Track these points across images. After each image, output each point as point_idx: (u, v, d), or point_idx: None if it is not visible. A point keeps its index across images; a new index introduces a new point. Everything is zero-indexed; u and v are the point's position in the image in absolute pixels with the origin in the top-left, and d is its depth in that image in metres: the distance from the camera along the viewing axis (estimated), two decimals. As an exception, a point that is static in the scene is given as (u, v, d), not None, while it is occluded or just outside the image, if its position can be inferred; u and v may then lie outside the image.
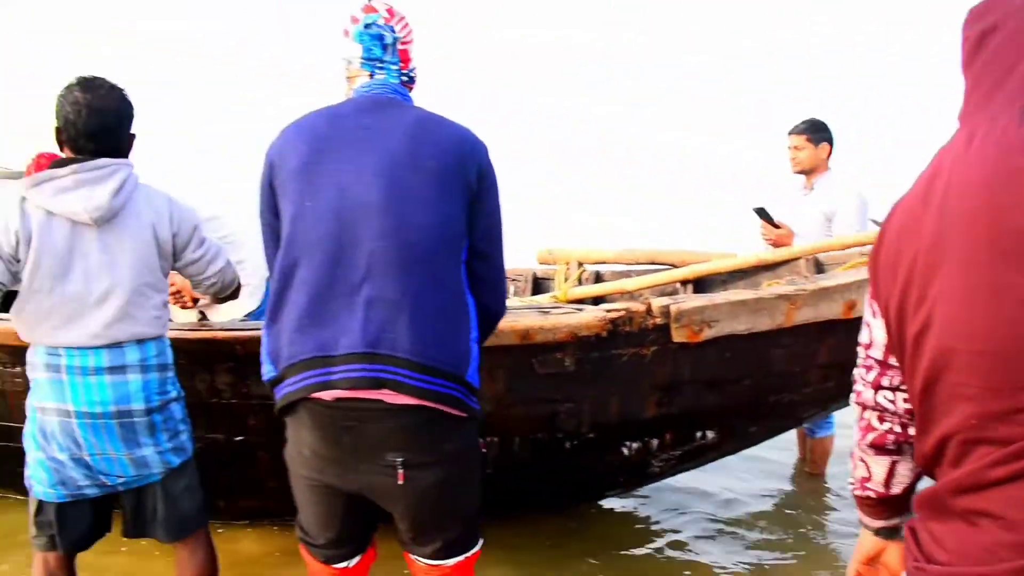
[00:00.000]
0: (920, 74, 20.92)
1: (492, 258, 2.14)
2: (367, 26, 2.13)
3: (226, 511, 3.49)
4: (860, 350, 1.42)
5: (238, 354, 3.00)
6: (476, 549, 2.18)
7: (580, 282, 4.64)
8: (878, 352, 1.37)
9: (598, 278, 4.77)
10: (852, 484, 1.51)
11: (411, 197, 1.96)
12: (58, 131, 2.42)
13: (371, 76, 2.13)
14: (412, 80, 2.20)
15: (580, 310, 2.99)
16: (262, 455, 3.22)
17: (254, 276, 3.75)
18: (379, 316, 1.92)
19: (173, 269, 2.62)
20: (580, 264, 4.64)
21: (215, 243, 2.72)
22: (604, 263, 4.78)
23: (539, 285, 4.91)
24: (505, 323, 2.51)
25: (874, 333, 1.38)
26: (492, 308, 2.17)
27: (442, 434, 2.00)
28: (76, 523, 2.52)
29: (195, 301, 3.64)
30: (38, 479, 2.47)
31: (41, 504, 2.49)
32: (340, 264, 1.94)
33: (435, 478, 2.00)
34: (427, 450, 1.99)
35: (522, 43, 26.45)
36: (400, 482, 1.97)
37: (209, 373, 3.08)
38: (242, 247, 3.68)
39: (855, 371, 1.45)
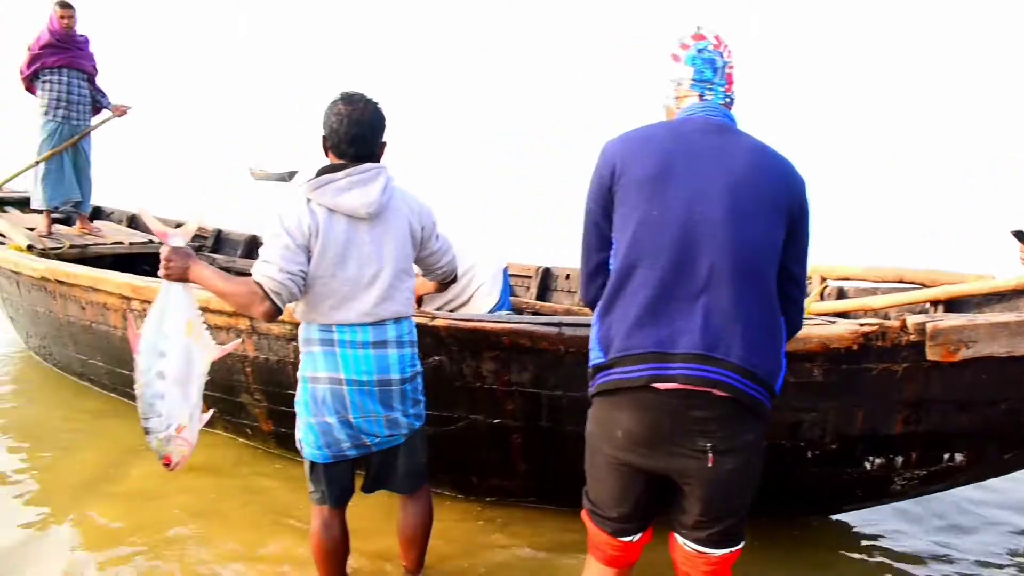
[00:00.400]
0: None
1: (800, 281, 2.32)
2: (699, 51, 2.35)
3: (477, 487, 3.82)
4: None
5: (504, 344, 3.30)
6: (740, 546, 2.30)
7: (822, 297, 4.63)
8: None
9: (841, 294, 4.74)
10: None
11: (749, 217, 2.14)
12: (324, 139, 2.87)
13: (700, 97, 2.34)
14: (732, 102, 2.39)
15: (833, 322, 3.04)
16: (516, 438, 3.51)
17: (486, 277, 4.16)
18: (716, 323, 2.12)
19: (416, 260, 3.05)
20: (823, 279, 4.62)
21: (444, 237, 3.14)
22: (848, 279, 4.73)
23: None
24: None
25: None
26: (795, 325, 2.35)
27: (744, 426, 2.17)
28: (340, 480, 2.93)
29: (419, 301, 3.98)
30: (307, 442, 2.87)
31: (312, 464, 2.91)
32: (681, 271, 2.14)
33: (734, 465, 2.16)
34: (732, 439, 2.15)
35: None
36: (709, 465, 2.14)
37: (475, 360, 3.40)
38: (467, 253, 4.07)
39: None
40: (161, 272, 2.78)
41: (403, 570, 3.18)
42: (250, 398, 4.18)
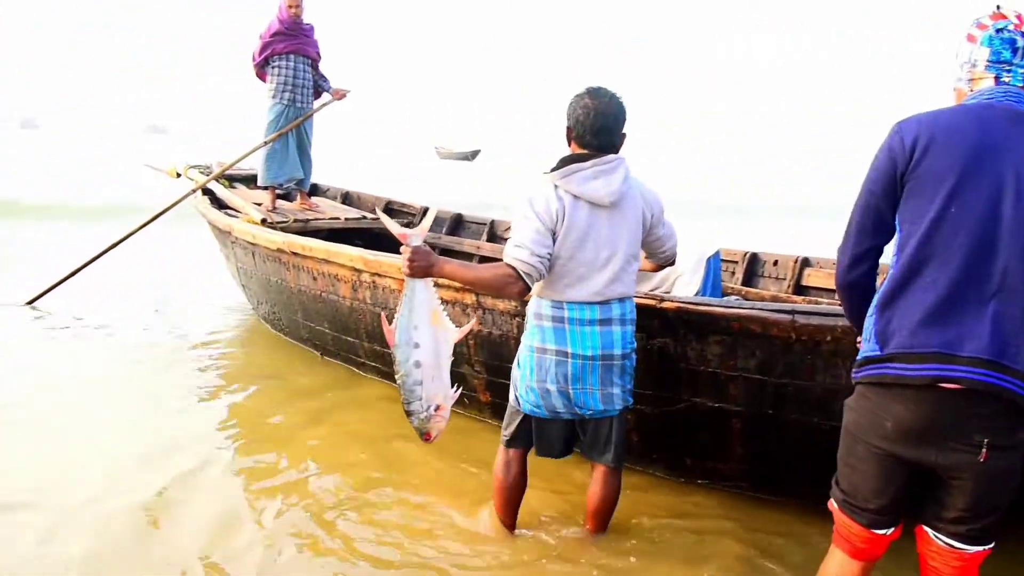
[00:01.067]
0: None
1: None
2: (999, 31, 2.24)
3: (691, 469, 3.83)
4: None
5: (733, 329, 3.29)
6: (991, 546, 2.24)
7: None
8: None
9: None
10: None
11: None
12: (569, 129, 3.05)
13: (996, 80, 2.24)
14: None
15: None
16: (735, 423, 3.49)
17: (687, 267, 4.20)
18: (1005, 329, 2.06)
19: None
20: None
21: (669, 223, 3.26)
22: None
23: None
24: None
25: None
26: None
27: (1020, 424, 2.10)
28: (550, 434, 3.20)
29: None
30: (526, 399, 3.12)
31: (526, 416, 3.17)
32: (974, 273, 2.09)
33: (1007, 462, 2.11)
34: (1007, 436, 2.10)
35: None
36: (982, 460, 2.09)
37: (701, 343, 3.41)
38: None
39: None
40: (405, 271, 2.99)
41: (583, 529, 3.39)
42: (470, 369, 4.37)
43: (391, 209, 8.14)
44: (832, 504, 2.39)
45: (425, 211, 7.91)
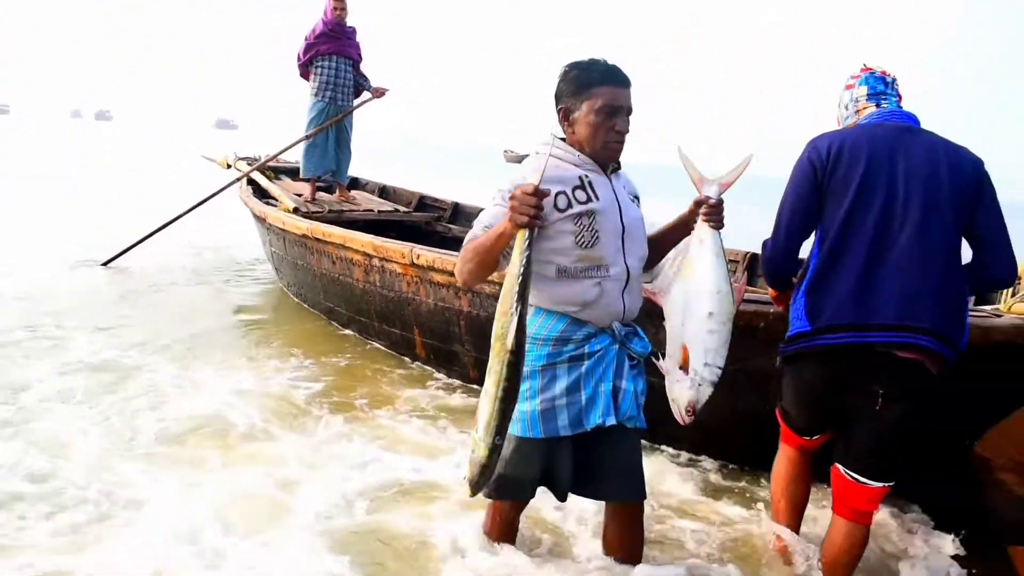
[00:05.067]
0: None
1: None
2: (870, 73, 2.92)
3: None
4: None
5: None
6: (891, 483, 2.71)
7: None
8: None
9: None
10: None
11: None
12: None
13: (877, 107, 2.85)
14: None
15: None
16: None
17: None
18: (905, 299, 2.56)
19: None
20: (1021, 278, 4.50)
21: None
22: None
23: None
24: None
25: None
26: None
27: (915, 382, 2.61)
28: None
29: None
30: None
31: None
32: (877, 258, 2.60)
33: (899, 411, 2.62)
34: (900, 389, 2.61)
35: None
36: (878, 408, 2.62)
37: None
38: None
39: None
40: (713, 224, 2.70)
41: None
42: (461, 348, 4.77)
43: (424, 204, 8.60)
44: (779, 415, 3.00)
45: (455, 206, 8.36)
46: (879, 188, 2.62)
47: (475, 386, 4.88)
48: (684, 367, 2.67)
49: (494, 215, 2.46)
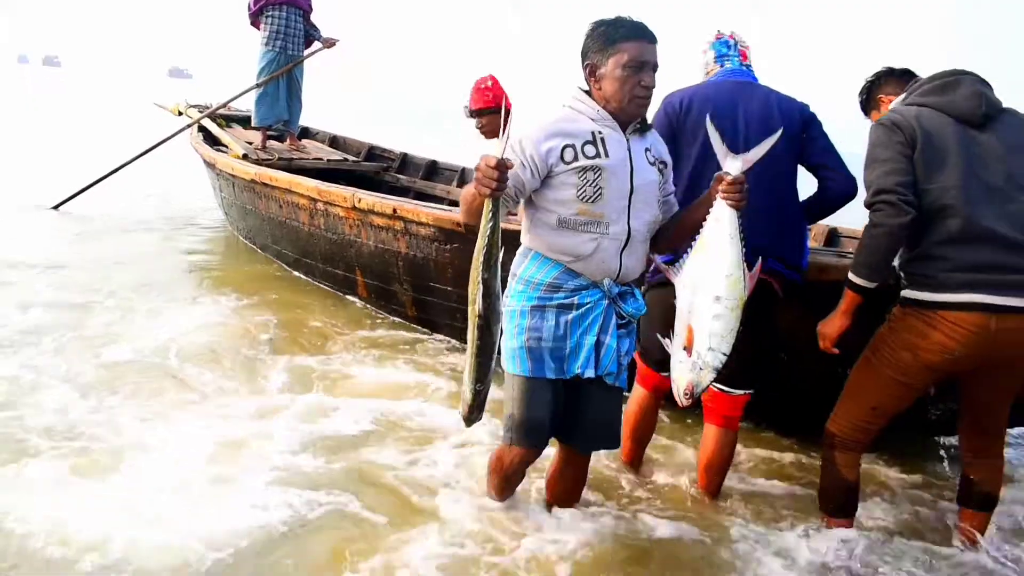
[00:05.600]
0: None
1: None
2: (718, 38, 3.31)
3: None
4: None
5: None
6: (750, 391, 3.12)
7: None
8: None
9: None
10: None
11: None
12: None
13: (721, 66, 3.28)
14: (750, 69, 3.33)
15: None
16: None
17: None
18: (764, 231, 2.91)
19: None
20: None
21: None
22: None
23: None
24: None
25: None
26: None
27: (766, 302, 3.01)
28: None
29: None
30: None
31: None
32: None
33: (756, 328, 2.92)
34: (757, 310, 2.89)
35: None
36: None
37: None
38: None
39: None
40: (731, 202, 2.61)
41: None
42: (400, 287, 5.07)
43: (373, 154, 8.78)
44: (637, 356, 3.23)
45: (404, 156, 8.57)
46: (724, 133, 2.86)
47: (415, 324, 5.19)
48: (688, 348, 2.61)
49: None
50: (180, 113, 9.22)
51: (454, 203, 7.54)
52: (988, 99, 2.77)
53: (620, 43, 2.52)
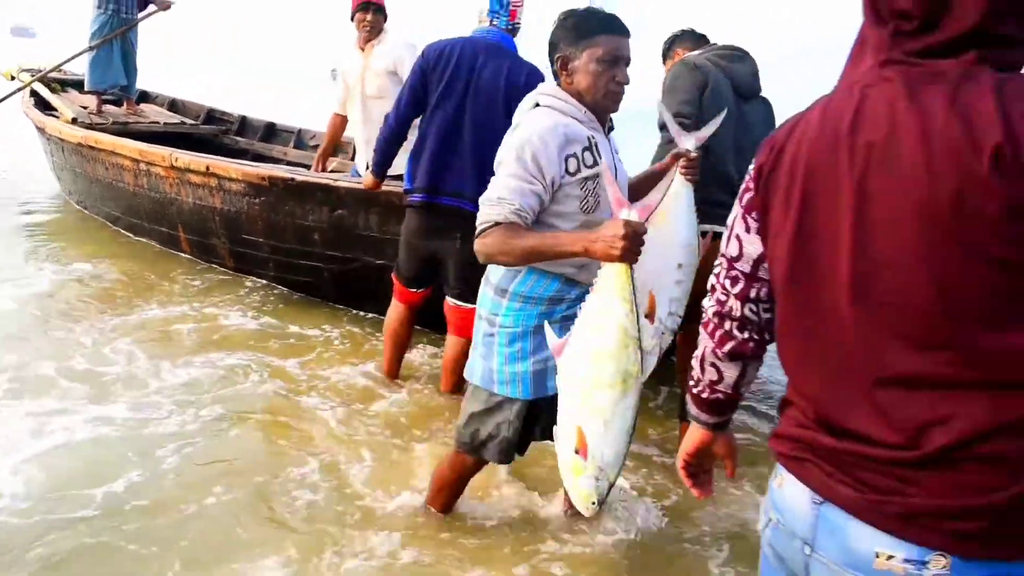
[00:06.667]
0: None
1: None
2: None
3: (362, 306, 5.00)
4: (723, 261, 1.43)
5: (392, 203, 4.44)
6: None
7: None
8: (746, 266, 1.38)
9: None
10: (697, 387, 1.54)
11: None
12: None
13: (491, 22, 3.70)
14: (516, 30, 3.76)
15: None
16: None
17: None
18: (462, 174, 3.59)
19: None
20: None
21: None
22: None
23: None
24: None
25: (745, 247, 1.38)
26: None
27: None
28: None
29: None
30: None
31: None
32: (451, 139, 3.61)
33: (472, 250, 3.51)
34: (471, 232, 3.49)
35: None
36: (457, 247, 3.63)
37: (367, 213, 4.55)
38: None
39: (713, 281, 1.46)
40: (690, 177, 2.62)
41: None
42: (218, 240, 5.44)
43: (212, 117, 8.94)
44: (393, 275, 3.93)
45: (243, 119, 8.77)
46: (458, 87, 3.58)
47: (235, 273, 5.59)
48: (649, 315, 2.53)
49: (521, 192, 2.34)
50: (12, 77, 9.12)
51: (292, 164, 7.84)
52: (759, 81, 3.52)
53: (595, 36, 2.43)
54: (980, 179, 1.03)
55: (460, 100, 3.57)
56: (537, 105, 2.50)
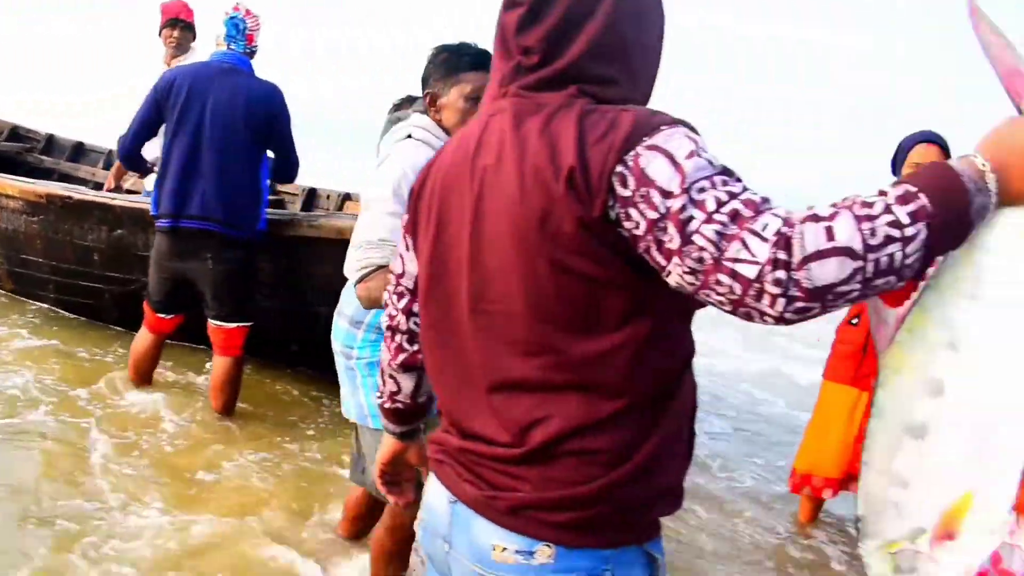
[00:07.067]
0: None
1: None
2: (231, 17, 3.80)
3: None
4: (392, 278, 1.51)
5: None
6: (245, 323, 3.83)
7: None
8: (409, 282, 1.45)
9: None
10: (380, 399, 1.61)
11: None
12: None
13: (228, 47, 3.81)
14: (253, 53, 3.86)
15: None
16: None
17: None
18: (206, 195, 3.69)
19: None
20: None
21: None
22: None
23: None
24: None
25: (407, 265, 1.46)
26: None
27: (225, 248, 3.72)
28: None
29: None
30: None
31: None
32: (193, 164, 3.70)
33: (224, 267, 3.74)
34: (221, 253, 3.71)
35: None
36: (210, 268, 3.71)
37: (145, 233, 4.48)
38: None
39: (386, 296, 1.54)
40: None
41: None
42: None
43: (16, 134, 8.52)
44: (146, 303, 3.94)
45: (50, 137, 8.40)
46: (193, 114, 3.68)
47: (13, 296, 5.36)
48: None
49: (391, 228, 2.20)
50: None
51: (99, 185, 7.60)
52: None
53: (463, 72, 2.38)
54: (559, 199, 1.11)
55: (197, 125, 3.67)
56: (409, 136, 2.44)
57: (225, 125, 3.66)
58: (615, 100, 1.19)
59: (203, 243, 3.71)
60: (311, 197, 7.19)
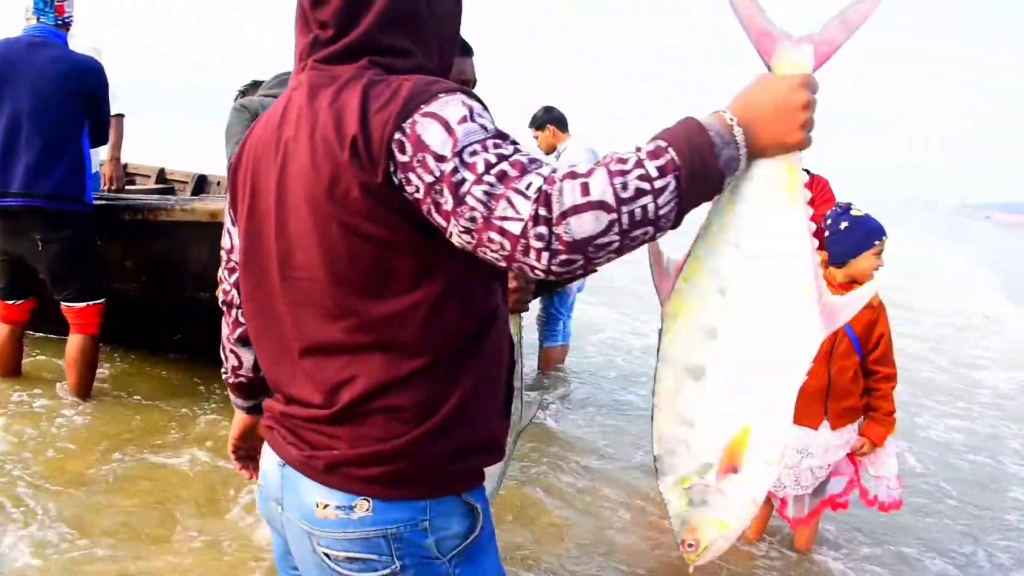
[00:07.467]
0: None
1: None
2: None
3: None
4: (223, 254, 1.54)
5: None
6: (97, 301, 3.75)
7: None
8: (238, 256, 1.44)
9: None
10: (225, 374, 1.63)
11: None
12: None
13: (38, 20, 3.72)
14: (67, 24, 3.80)
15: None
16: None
17: None
18: (30, 168, 3.59)
19: None
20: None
21: None
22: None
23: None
24: None
25: (234, 239, 1.49)
26: None
27: (55, 225, 3.66)
28: None
29: None
30: None
31: None
32: (10, 138, 3.64)
33: (58, 247, 3.67)
34: (50, 232, 3.62)
35: None
36: (40, 249, 3.63)
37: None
38: None
39: (220, 272, 1.56)
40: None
41: None
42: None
43: None
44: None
45: None
46: (8, 91, 3.59)
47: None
48: None
49: None
50: None
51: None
52: None
53: None
54: (345, 167, 1.14)
55: (13, 101, 3.58)
56: None
57: (40, 98, 3.58)
58: (407, 70, 1.22)
59: (30, 222, 3.63)
60: (200, 183, 7.10)
